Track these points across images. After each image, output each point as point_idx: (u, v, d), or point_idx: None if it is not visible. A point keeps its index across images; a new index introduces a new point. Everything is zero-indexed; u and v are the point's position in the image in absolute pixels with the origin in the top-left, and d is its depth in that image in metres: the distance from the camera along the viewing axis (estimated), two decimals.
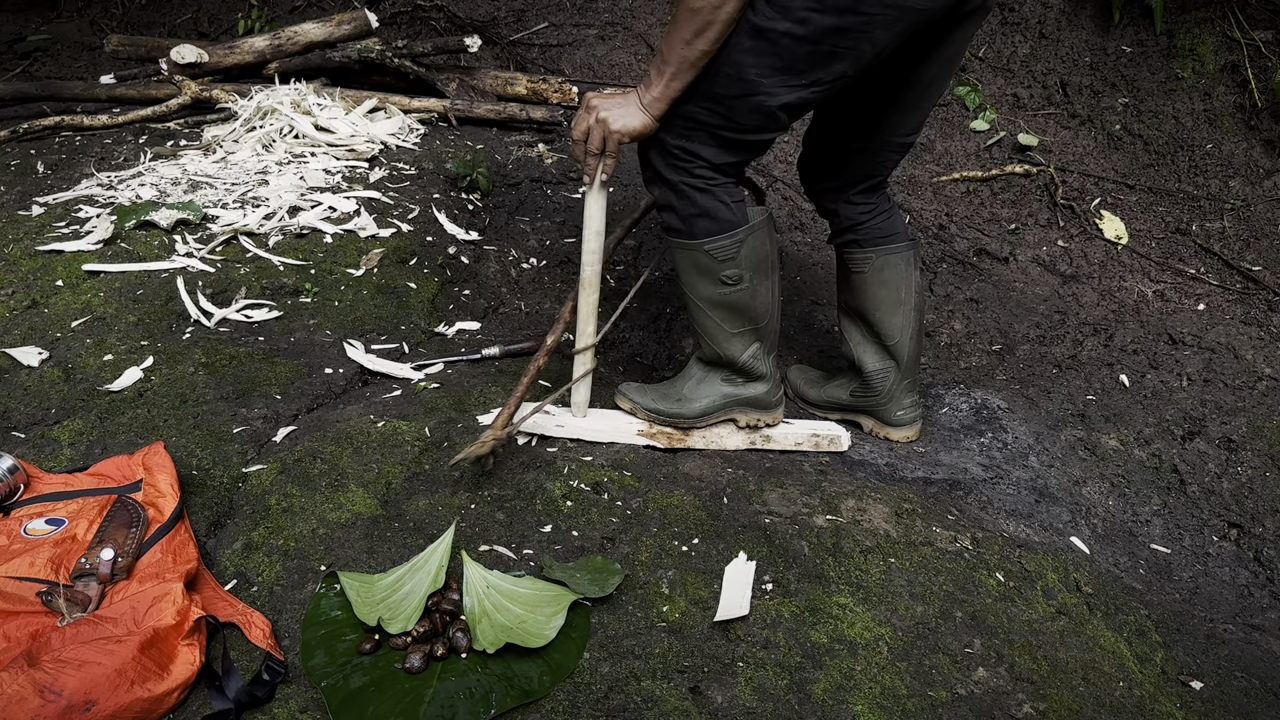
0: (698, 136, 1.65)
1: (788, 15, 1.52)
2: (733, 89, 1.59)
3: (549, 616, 1.36)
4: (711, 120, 1.63)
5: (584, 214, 1.78)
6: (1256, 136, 3.09)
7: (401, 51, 3.56)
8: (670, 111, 1.63)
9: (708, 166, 1.67)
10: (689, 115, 1.63)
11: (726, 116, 1.62)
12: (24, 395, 1.91)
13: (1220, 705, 1.49)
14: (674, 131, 1.65)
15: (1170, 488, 2.12)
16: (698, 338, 1.88)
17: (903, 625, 1.49)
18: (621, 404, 1.93)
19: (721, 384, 1.91)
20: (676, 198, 1.70)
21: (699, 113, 1.63)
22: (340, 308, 2.34)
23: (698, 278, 1.78)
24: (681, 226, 1.73)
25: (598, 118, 1.66)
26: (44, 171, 3.03)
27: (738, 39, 1.56)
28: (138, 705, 1.17)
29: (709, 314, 1.82)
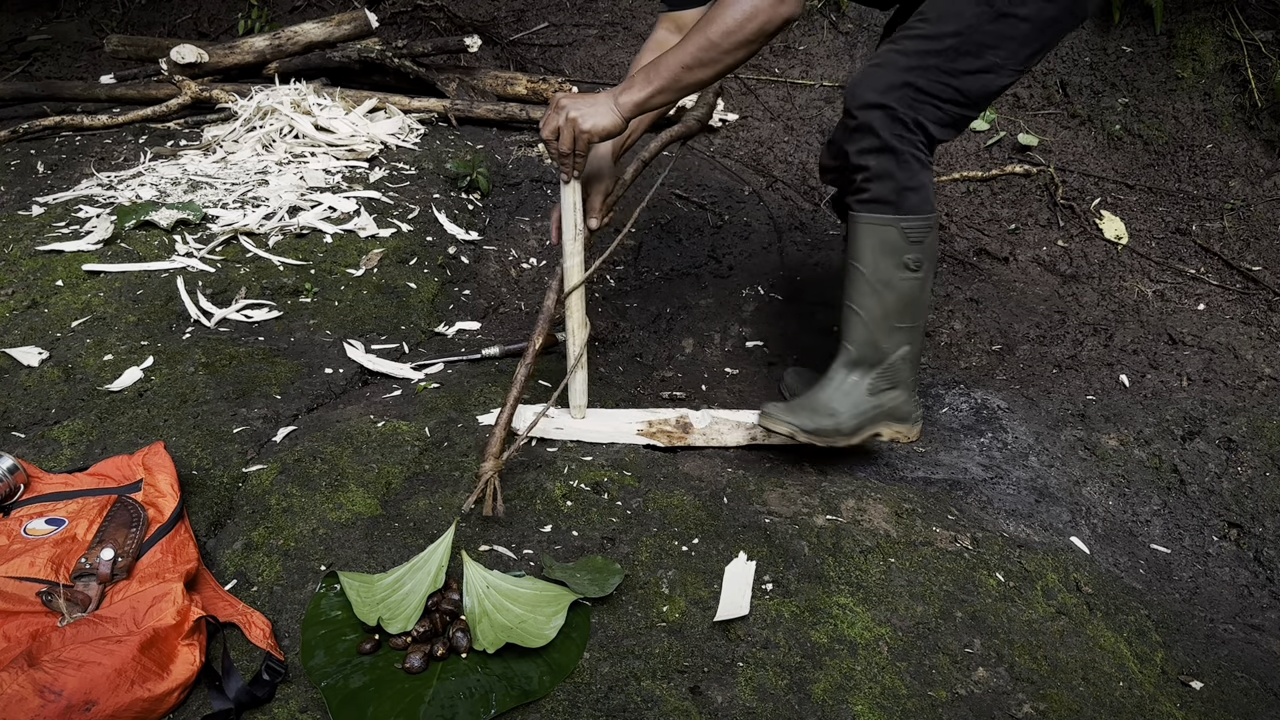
0: (926, 111, 1.67)
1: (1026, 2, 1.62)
2: (972, 66, 1.66)
3: (549, 616, 1.36)
4: (943, 94, 1.67)
5: (560, 208, 1.77)
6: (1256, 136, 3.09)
7: (401, 51, 3.56)
8: (903, 83, 1.66)
9: (927, 142, 1.70)
10: (924, 88, 1.66)
11: (959, 92, 1.68)
12: (24, 395, 1.91)
13: (1220, 705, 1.49)
14: (905, 102, 1.66)
15: (1170, 488, 2.12)
16: (851, 333, 1.82)
17: (903, 625, 1.49)
18: (777, 427, 1.81)
19: (866, 395, 1.84)
20: (899, 167, 1.69)
21: (936, 87, 1.66)
22: (340, 308, 2.34)
23: (882, 257, 1.75)
24: (893, 198, 1.71)
25: (567, 117, 1.65)
26: (44, 171, 3.03)
27: (980, 21, 1.64)
28: (138, 705, 1.17)
29: (881, 298, 1.78)
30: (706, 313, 2.68)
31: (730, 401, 2.34)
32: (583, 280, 1.79)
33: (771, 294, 2.76)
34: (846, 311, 1.84)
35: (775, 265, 2.87)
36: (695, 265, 2.87)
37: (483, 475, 1.62)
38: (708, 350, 2.58)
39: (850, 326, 1.84)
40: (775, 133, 3.62)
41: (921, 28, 1.69)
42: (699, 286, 2.78)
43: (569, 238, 1.77)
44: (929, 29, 1.67)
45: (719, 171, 3.40)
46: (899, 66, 1.67)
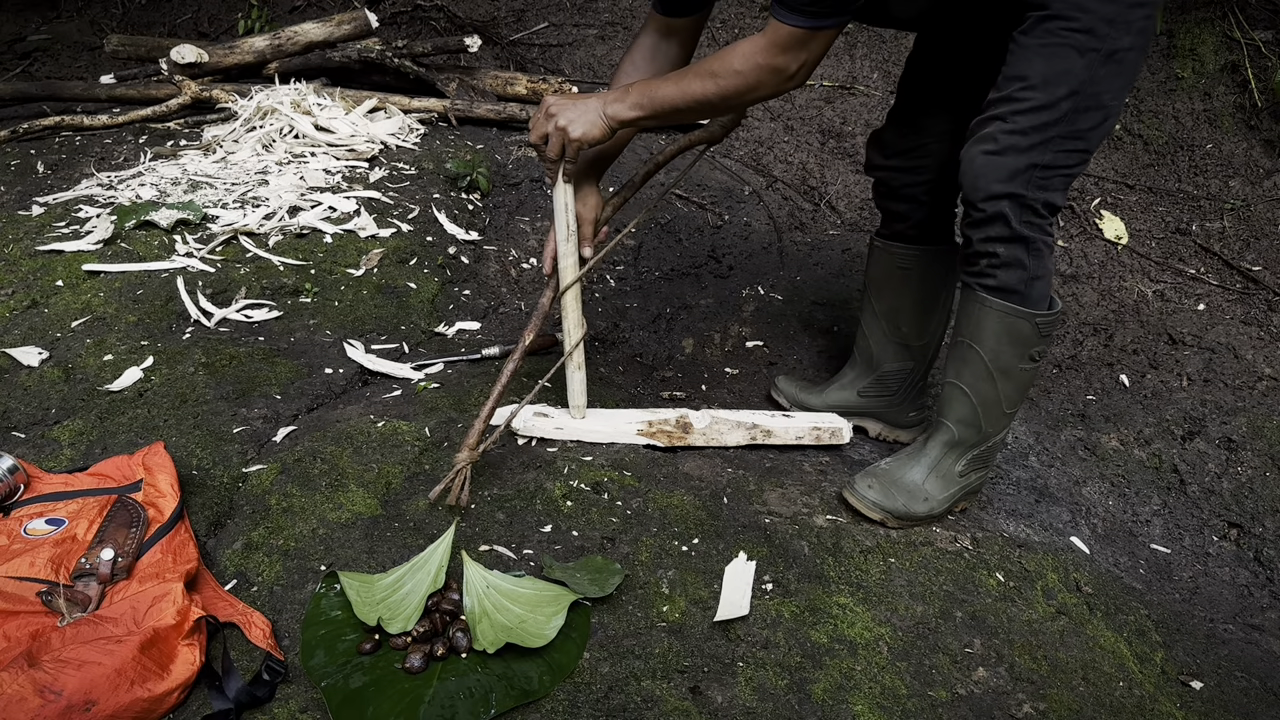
0: (1055, 183, 1.56)
1: (1129, 29, 1.50)
2: (1094, 120, 1.54)
3: (549, 616, 1.36)
4: (1069, 161, 1.56)
5: (553, 210, 1.78)
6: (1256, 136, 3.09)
7: (401, 51, 3.56)
8: (1028, 165, 1.53)
9: (1054, 218, 1.61)
10: (1050, 164, 1.54)
11: (1085, 151, 1.57)
12: (24, 395, 1.91)
13: (1220, 705, 1.49)
14: (1033, 185, 1.55)
15: (1170, 488, 2.12)
16: (953, 412, 1.73)
17: (903, 625, 1.49)
18: (867, 512, 1.71)
19: (958, 477, 1.76)
20: (1030, 256, 1.60)
21: (1061, 157, 1.54)
22: (340, 308, 2.34)
23: (1008, 346, 1.65)
24: (1020, 288, 1.62)
25: (556, 126, 1.63)
26: (44, 171, 3.03)
27: (1091, 73, 1.50)
28: (138, 705, 1.17)
29: (997, 385, 1.68)
30: (706, 313, 2.68)
31: (730, 401, 2.34)
32: (577, 279, 1.79)
33: (771, 294, 2.76)
34: (952, 390, 1.73)
35: (775, 265, 2.87)
36: (695, 265, 2.87)
37: (456, 464, 1.62)
38: (708, 350, 2.58)
39: (953, 406, 1.74)
40: (775, 133, 3.62)
41: (1031, 97, 1.52)
42: (699, 286, 2.78)
43: (561, 238, 1.77)
44: (1040, 97, 1.52)
45: (719, 171, 3.40)
46: (1020, 149, 1.53)
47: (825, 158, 3.48)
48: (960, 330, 1.71)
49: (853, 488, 1.74)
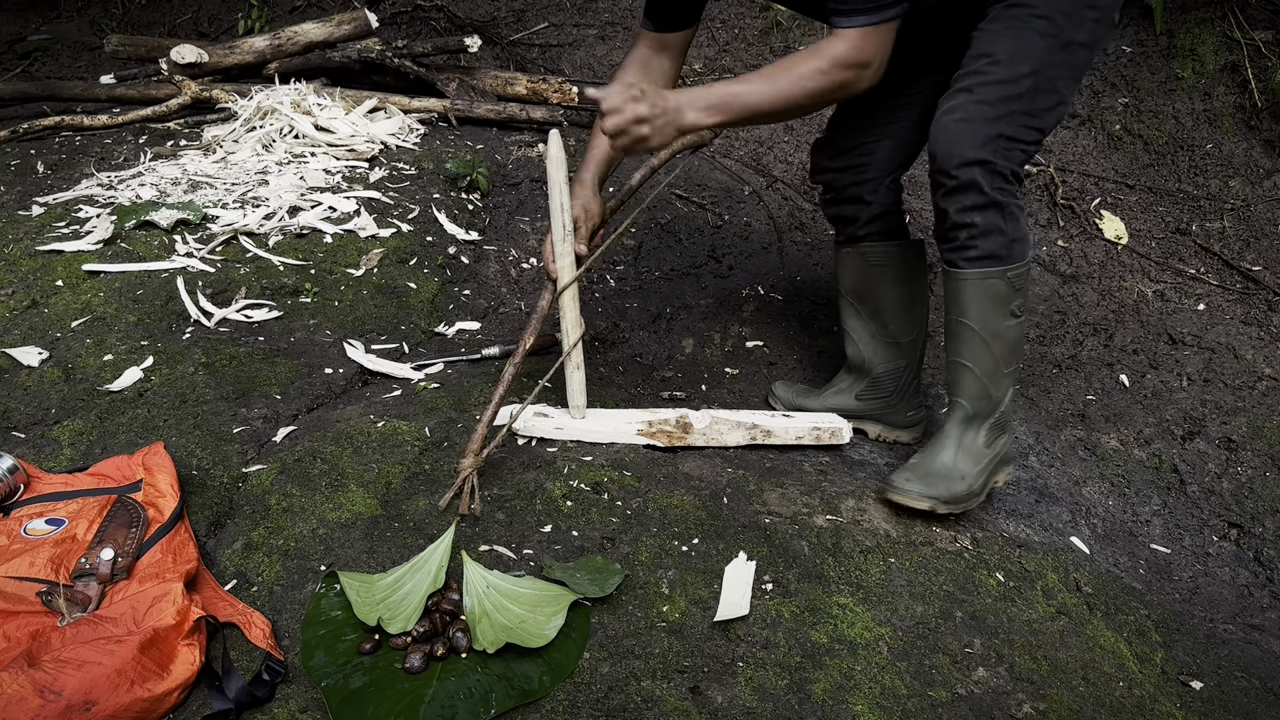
0: (1017, 157, 1.65)
1: (1082, 26, 1.62)
2: (1049, 102, 1.64)
3: (549, 616, 1.36)
4: (1029, 137, 1.65)
5: (549, 209, 1.78)
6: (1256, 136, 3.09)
7: (401, 51, 3.56)
8: (995, 135, 1.61)
9: (1020, 187, 1.69)
10: (1013, 136, 1.63)
11: (1040, 131, 1.66)
12: (24, 395, 1.91)
13: (1220, 705, 1.49)
14: (1001, 153, 1.62)
15: (1170, 488, 2.12)
16: (963, 389, 1.80)
17: (903, 625, 1.49)
18: (913, 503, 1.74)
19: (984, 448, 1.82)
20: (1006, 220, 1.66)
21: (1023, 132, 1.64)
22: (340, 308, 2.34)
23: (991, 309, 1.73)
24: (1003, 252, 1.69)
25: (638, 134, 1.61)
26: (44, 171, 3.03)
27: (1050, 55, 1.61)
28: (138, 705, 1.17)
29: (991, 349, 1.75)
30: (706, 313, 2.68)
31: (730, 401, 2.34)
32: (574, 279, 1.79)
33: (771, 294, 2.76)
34: (955, 368, 1.80)
35: (775, 265, 2.87)
36: (695, 265, 2.87)
37: (461, 471, 1.62)
38: (708, 350, 2.58)
39: (961, 383, 1.80)
40: (775, 132, 3.62)
41: (995, 71, 1.63)
42: (699, 286, 2.78)
43: (558, 238, 1.77)
44: (1004, 72, 1.62)
45: (719, 171, 3.40)
46: (987, 118, 1.61)
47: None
48: (949, 309, 1.78)
49: (894, 487, 1.76)
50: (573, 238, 1.78)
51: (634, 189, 1.90)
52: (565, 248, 1.77)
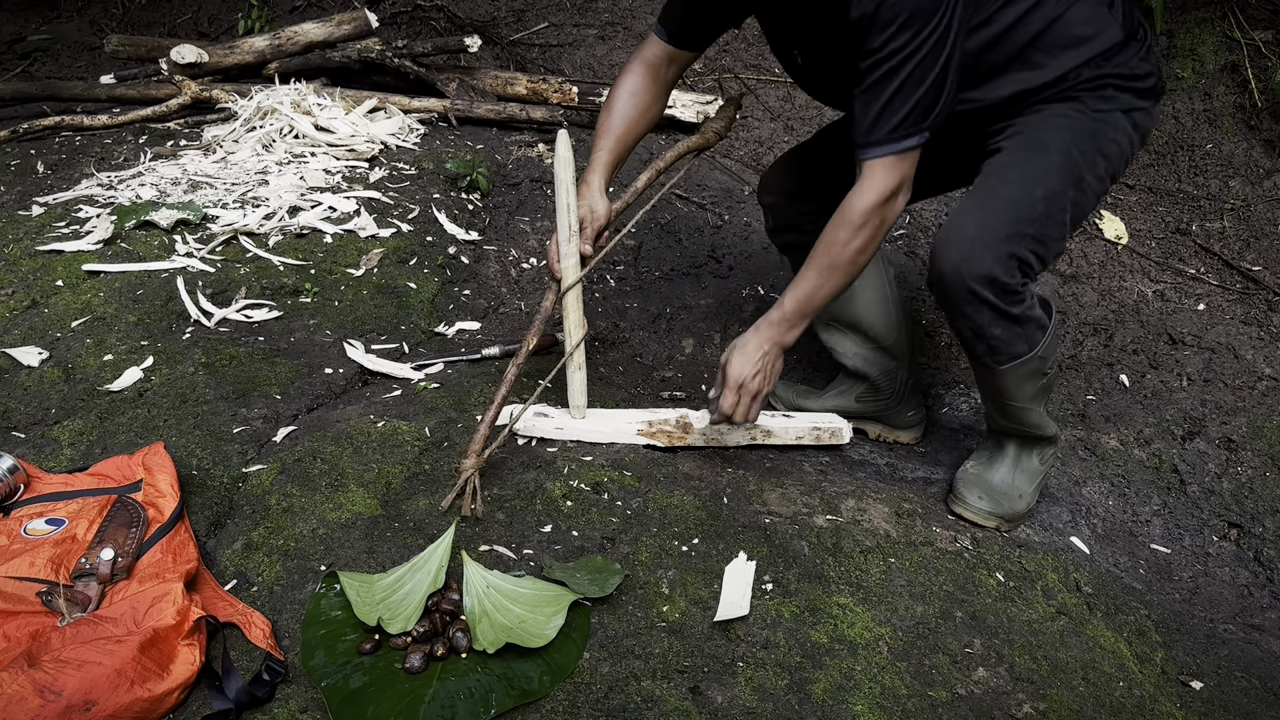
0: (1031, 262, 1.64)
1: (1094, 167, 1.67)
2: (1058, 232, 1.66)
3: (549, 616, 1.36)
4: (1035, 262, 1.65)
5: (555, 209, 1.77)
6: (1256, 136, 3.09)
7: (401, 51, 3.56)
8: (1008, 254, 1.60)
9: (1033, 282, 1.70)
10: (1024, 259, 1.62)
11: (1043, 259, 1.66)
12: (24, 395, 1.91)
13: (1220, 705, 1.49)
14: (1011, 270, 1.61)
15: (1170, 488, 2.12)
16: (1011, 429, 1.86)
17: (903, 625, 1.49)
18: (981, 520, 1.83)
19: (1038, 465, 1.89)
20: (1024, 324, 1.67)
21: (1031, 256, 1.63)
22: (340, 308, 2.34)
23: (1026, 383, 1.76)
24: (1028, 343, 1.70)
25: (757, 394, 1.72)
26: (44, 171, 3.03)
27: (1062, 188, 1.63)
28: (138, 705, 1.17)
29: (1034, 410, 1.81)
30: (706, 313, 2.68)
31: None
32: (578, 279, 1.79)
33: (771, 294, 2.76)
34: (1002, 424, 1.87)
35: (775, 265, 2.87)
36: (695, 265, 2.87)
37: (463, 472, 1.62)
38: (708, 350, 2.58)
39: (1011, 430, 1.87)
40: (775, 133, 3.62)
41: (1007, 190, 1.64)
42: (699, 286, 2.78)
43: (564, 238, 1.77)
44: (1016, 192, 1.63)
45: (719, 171, 3.40)
46: (1000, 237, 1.60)
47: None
48: (985, 390, 1.84)
49: (964, 502, 1.85)
50: (578, 238, 1.78)
51: (639, 191, 1.90)
52: (570, 248, 1.77)
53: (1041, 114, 1.68)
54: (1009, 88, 1.68)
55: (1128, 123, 1.69)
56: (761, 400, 1.74)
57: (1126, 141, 1.70)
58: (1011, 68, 1.67)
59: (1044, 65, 1.65)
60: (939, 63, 1.50)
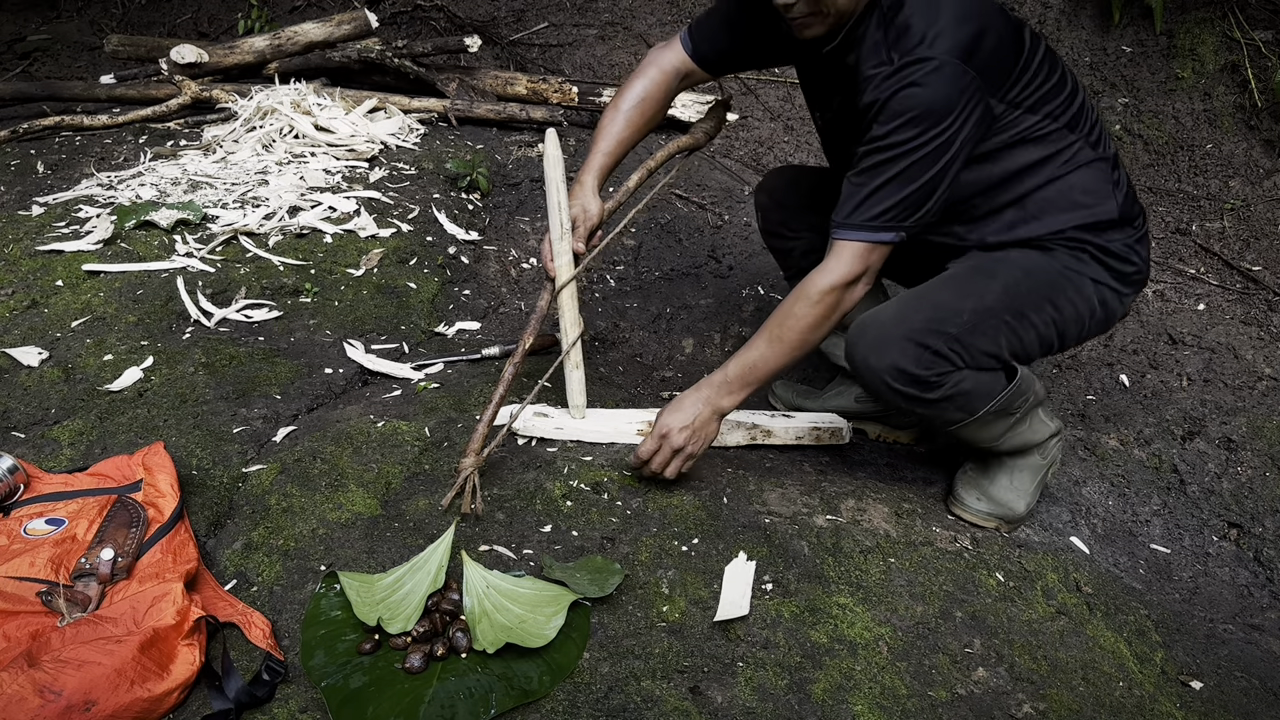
0: (952, 363, 1.62)
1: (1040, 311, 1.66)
2: (990, 347, 1.64)
3: (549, 616, 1.36)
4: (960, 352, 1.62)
5: (547, 208, 1.78)
6: (1256, 136, 3.09)
7: (401, 51, 3.56)
8: (909, 348, 1.59)
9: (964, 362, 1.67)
10: (935, 348, 1.60)
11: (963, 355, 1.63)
12: (24, 395, 1.91)
13: (1220, 705, 1.49)
14: (922, 363, 1.59)
15: (1170, 488, 2.12)
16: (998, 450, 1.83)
17: (903, 625, 1.49)
18: (982, 522, 1.83)
19: (1039, 460, 1.86)
20: (949, 403, 1.66)
21: (950, 353, 1.61)
22: (340, 308, 2.34)
23: (987, 429, 1.74)
24: (964, 416, 1.69)
25: (686, 454, 1.66)
26: (44, 171, 3.03)
27: (999, 311, 1.62)
28: (138, 705, 1.17)
29: (1012, 436, 1.78)
30: (706, 313, 2.68)
31: None
32: (572, 278, 1.79)
33: (771, 294, 2.76)
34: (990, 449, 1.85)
35: (775, 265, 2.87)
36: (695, 265, 2.87)
37: (462, 471, 1.62)
38: (708, 350, 2.58)
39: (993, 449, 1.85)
40: (775, 133, 3.62)
41: (936, 295, 1.65)
42: (699, 286, 2.78)
43: (556, 237, 1.77)
44: (944, 298, 1.63)
45: (719, 171, 3.40)
46: (913, 329, 1.59)
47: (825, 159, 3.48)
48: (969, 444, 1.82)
49: (962, 504, 1.84)
50: (570, 236, 1.78)
51: (631, 190, 1.90)
52: (563, 246, 1.78)
53: (1007, 252, 1.68)
54: (994, 234, 1.67)
55: (1094, 293, 1.67)
56: (685, 460, 1.66)
57: (1086, 309, 1.68)
58: (1003, 215, 1.66)
59: (1032, 221, 1.65)
60: (936, 166, 1.49)
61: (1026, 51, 1.56)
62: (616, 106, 1.84)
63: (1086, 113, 1.65)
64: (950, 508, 1.86)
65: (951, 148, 1.48)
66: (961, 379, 1.63)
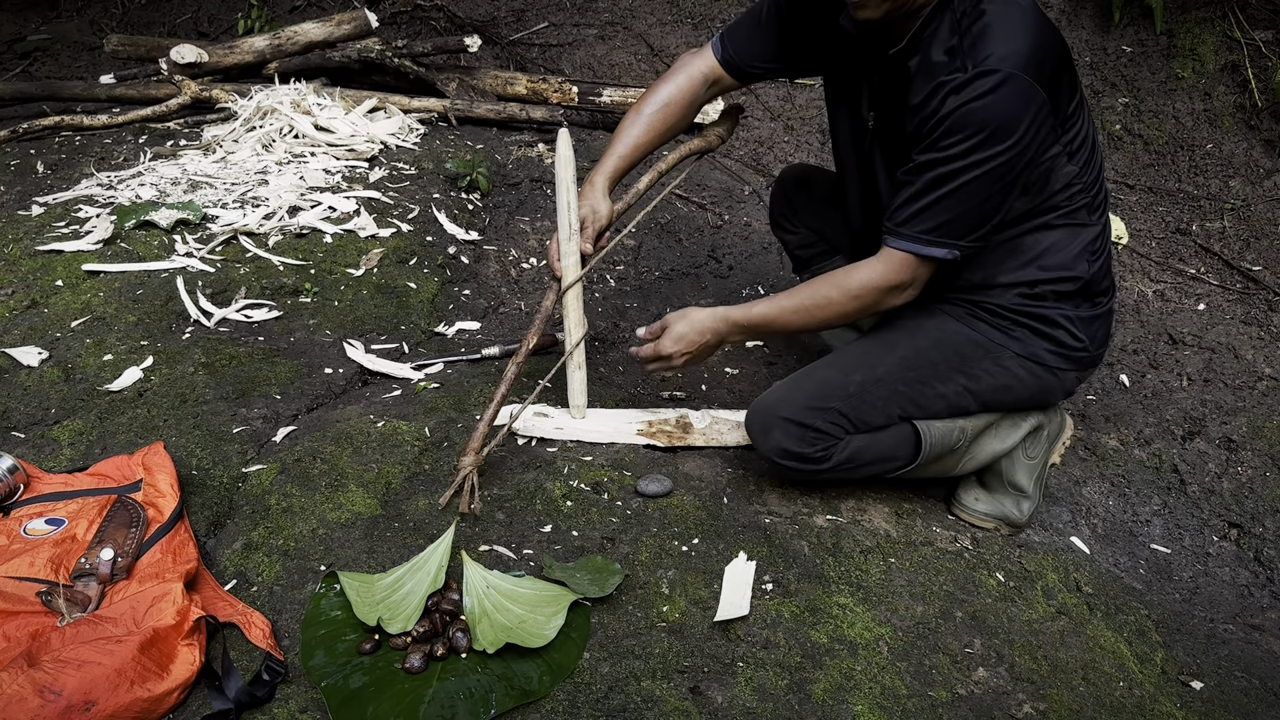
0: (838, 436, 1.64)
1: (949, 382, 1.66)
2: (878, 419, 1.64)
3: (549, 616, 1.36)
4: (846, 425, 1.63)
5: (556, 208, 1.78)
6: (1256, 136, 3.09)
7: (401, 51, 3.56)
8: (791, 429, 1.61)
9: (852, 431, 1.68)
10: (818, 427, 1.61)
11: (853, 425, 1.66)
12: (24, 395, 1.91)
13: (1220, 705, 1.49)
14: (806, 443, 1.61)
15: (1170, 488, 2.12)
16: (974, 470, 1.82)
17: (903, 625, 1.49)
18: (983, 524, 1.82)
19: (1040, 455, 1.83)
20: (847, 469, 1.67)
21: (835, 429, 1.63)
22: (340, 308, 2.34)
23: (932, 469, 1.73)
24: (882, 471, 1.70)
25: (672, 363, 1.72)
26: (44, 171, 3.03)
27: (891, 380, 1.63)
28: (137, 705, 1.17)
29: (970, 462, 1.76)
30: None
31: (730, 401, 2.34)
32: (579, 278, 1.79)
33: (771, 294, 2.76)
34: None
35: (775, 265, 2.87)
36: (695, 265, 2.87)
37: (461, 469, 1.62)
38: None
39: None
40: (775, 133, 3.62)
41: (824, 372, 1.67)
42: (699, 286, 2.78)
43: (564, 237, 1.77)
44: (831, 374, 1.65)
45: (719, 171, 3.40)
46: (795, 409, 1.61)
47: (825, 158, 3.48)
48: None
49: (961, 504, 1.83)
50: (578, 237, 1.78)
51: (641, 192, 1.90)
52: (570, 246, 1.77)
53: (931, 314, 1.67)
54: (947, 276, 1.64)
55: (1018, 366, 1.65)
56: (663, 366, 1.73)
57: (1009, 379, 1.65)
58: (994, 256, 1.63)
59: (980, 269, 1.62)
60: (998, 185, 1.45)
61: (1079, 94, 1.53)
62: (639, 110, 1.83)
63: (1099, 174, 1.61)
64: (950, 508, 1.86)
65: (1016, 167, 1.44)
66: (849, 444, 1.64)
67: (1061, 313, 1.63)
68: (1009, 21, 1.43)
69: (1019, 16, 1.43)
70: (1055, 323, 1.63)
